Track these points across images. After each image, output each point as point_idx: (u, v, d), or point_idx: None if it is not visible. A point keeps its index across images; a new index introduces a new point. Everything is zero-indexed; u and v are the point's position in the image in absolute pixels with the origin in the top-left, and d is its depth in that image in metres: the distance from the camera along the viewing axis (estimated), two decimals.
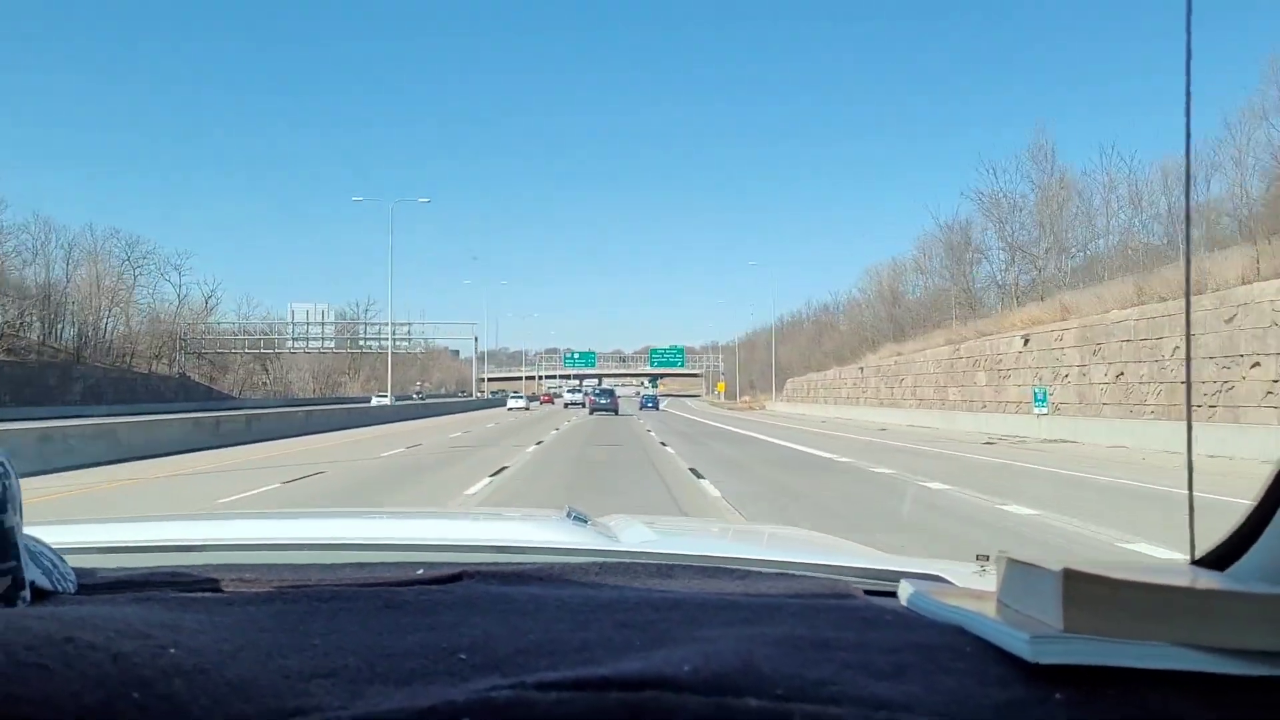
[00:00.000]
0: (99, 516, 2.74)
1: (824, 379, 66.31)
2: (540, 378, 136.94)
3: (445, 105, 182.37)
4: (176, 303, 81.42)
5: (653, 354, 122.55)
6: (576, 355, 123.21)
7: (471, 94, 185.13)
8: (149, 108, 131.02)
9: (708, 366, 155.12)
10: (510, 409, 62.54)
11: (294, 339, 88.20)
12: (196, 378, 79.49)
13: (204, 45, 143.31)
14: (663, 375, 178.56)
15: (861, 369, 55.81)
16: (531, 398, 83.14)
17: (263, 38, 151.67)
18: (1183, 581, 0.61)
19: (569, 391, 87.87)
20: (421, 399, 77.77)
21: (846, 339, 69.29)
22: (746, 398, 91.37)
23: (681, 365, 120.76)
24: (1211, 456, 15.82)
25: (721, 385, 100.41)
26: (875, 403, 50.04)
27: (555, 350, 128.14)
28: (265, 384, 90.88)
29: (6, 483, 0.72)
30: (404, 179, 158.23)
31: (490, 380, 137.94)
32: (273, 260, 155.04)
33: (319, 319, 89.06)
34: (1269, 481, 0.68)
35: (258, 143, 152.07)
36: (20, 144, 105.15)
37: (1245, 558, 0.69)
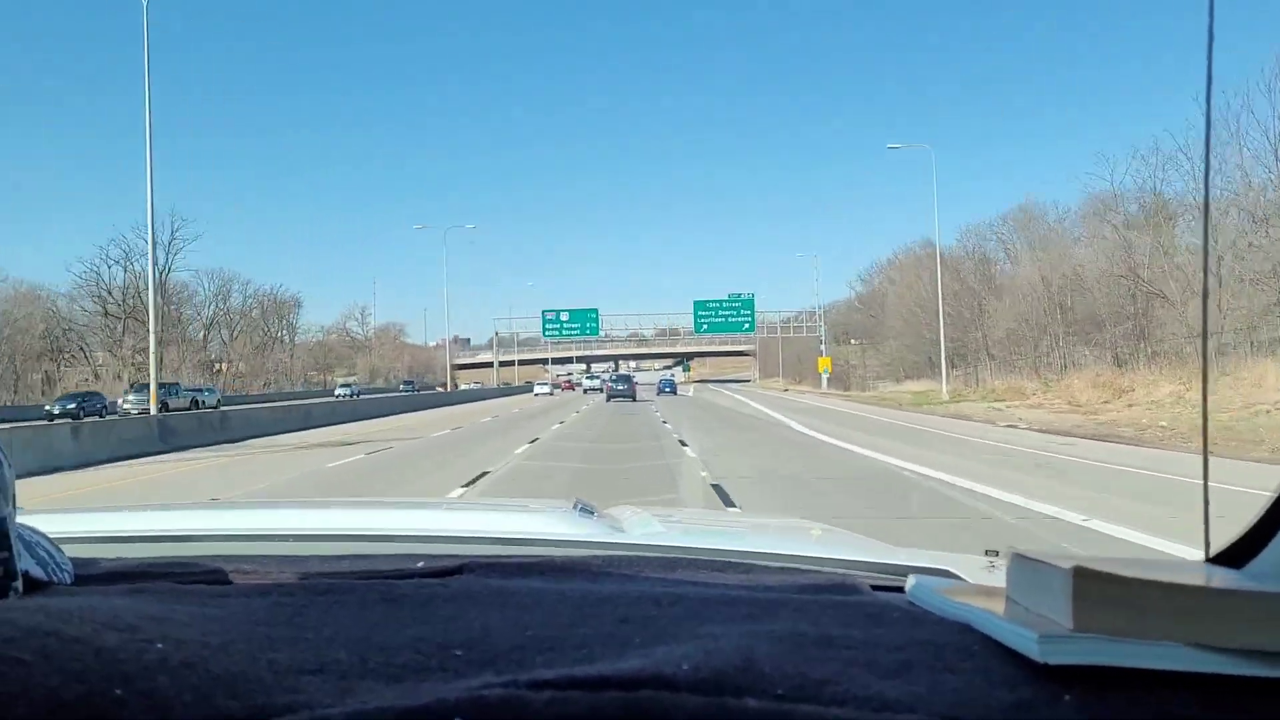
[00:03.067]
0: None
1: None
2: (549, 361, 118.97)
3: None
4: None
5: (698, 311, 73.65)
6: (563, 317, 74.48)
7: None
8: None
9: (760, 343, 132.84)
10: (536, 394, 68.62)
11: None
12: None
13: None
14: (700, 355, 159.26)
15: None
16: (555, 386, 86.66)
17: None
18: (1197, 580, 0.59)
19: (587, 378, 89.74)
20: (350, 396, 57.37)
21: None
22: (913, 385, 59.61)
23: (749, 327, 76.68)
24: None
25: (826, 361, 69.48)
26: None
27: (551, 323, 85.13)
28: None
29: (0, 471, 0.70)
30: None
31: (465, 368, 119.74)
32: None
33: None
34: None
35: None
36: None
37: (1263, 554, 0.67)
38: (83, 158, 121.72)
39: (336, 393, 63.45)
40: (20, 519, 0.75)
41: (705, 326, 76.08)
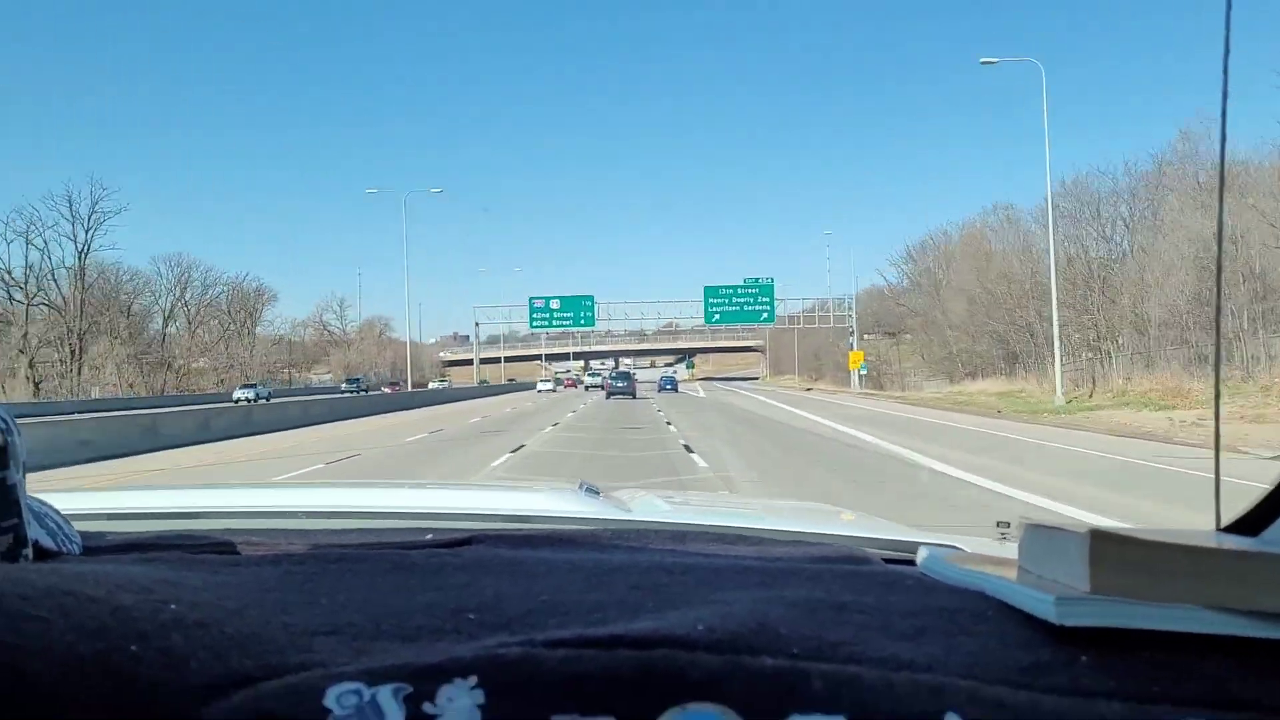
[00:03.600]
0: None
1: None
2: (542, 358, 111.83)
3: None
4: None
5: (709, 298, 61.78)
6: (553, 305, 62.92)
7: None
8: None
9: (768, 338, 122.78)
10: (540, 391, 69.73)
11: None
12: None
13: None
14: (702, 351, 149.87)
15: None
16: (557, 381, 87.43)
17: None
18: (1213, 544, 0.59)
19: (588, 375, 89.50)
20: (254, 400, 47.08)
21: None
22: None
23: (767, 317, 63.77)
24: None
25: (858, 356, 60.88)
26: None
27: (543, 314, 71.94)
28: None
29: (9, 439, 0.71)
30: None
31: (456, 365, 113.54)
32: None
33: None
34: None
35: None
36: None
37: (1278, 522, 0.66)
38: None
39: (235, 396, 52.78)
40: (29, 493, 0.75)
41: (717, 316, 64.07)
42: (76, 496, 1.52)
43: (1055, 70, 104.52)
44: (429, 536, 0.96)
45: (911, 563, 0.82)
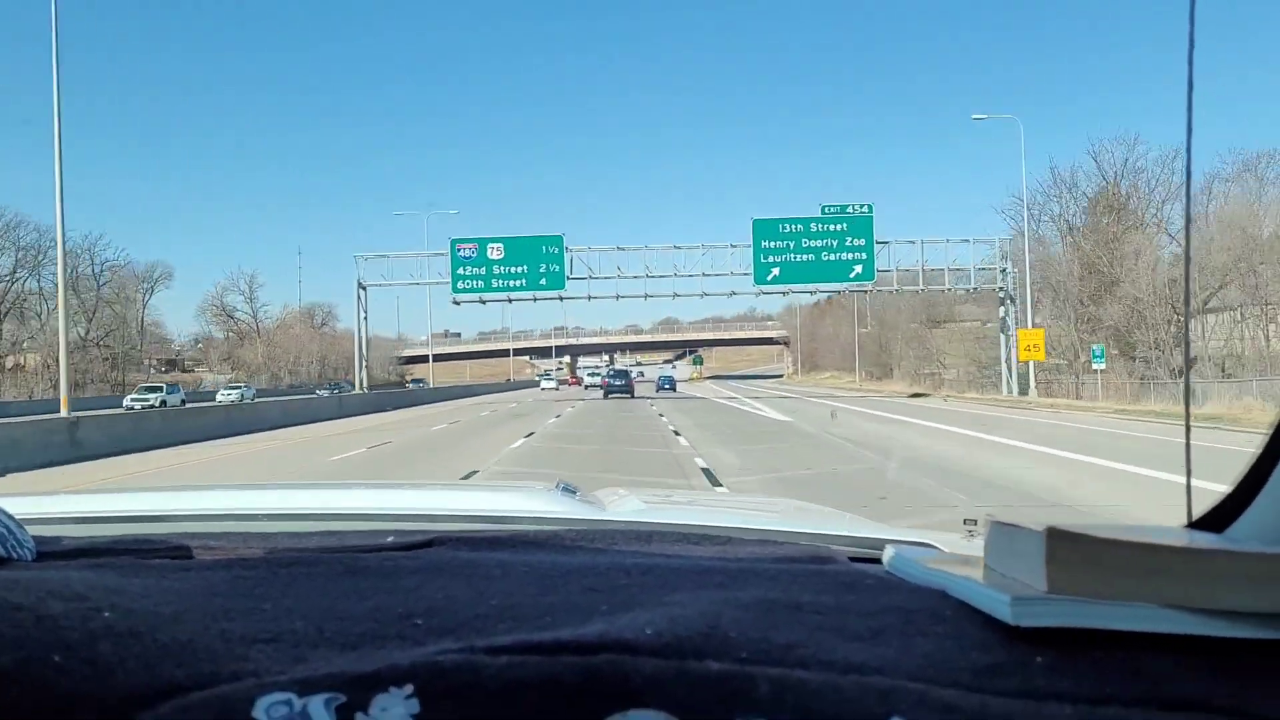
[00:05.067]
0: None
1: None
2: (512, 353, 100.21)
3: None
4: None
5: (761, 239, 37.53)
6: (493, 254, 37.88)
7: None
8: None
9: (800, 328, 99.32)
10: (543, 389, 77.34)
11: None
12: None
13: None
14: (706, 344, 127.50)
15: None
16: (563, 380, 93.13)
17: None
18: (1174, 542, 0.58)
19: (589, 374, 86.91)
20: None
21: None
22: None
23: (864, 271, 37.68)
24: None
25: (1035, 336, 34.44)
26: None
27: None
28: None
29: None
30: None
31: (412, 362, 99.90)
32: None
33: None
34: (1265, 441, 0.66)
35: None
36: None
37: (1242, 519, 0.67)
38: None
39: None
40: None
41: (775, 273, 37.72)
42: (37, 500, 1.51)
43: None
44: (390, 539, 0.94)
45: (878, 561, 0.81)
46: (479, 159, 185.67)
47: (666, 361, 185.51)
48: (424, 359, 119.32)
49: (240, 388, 57.34)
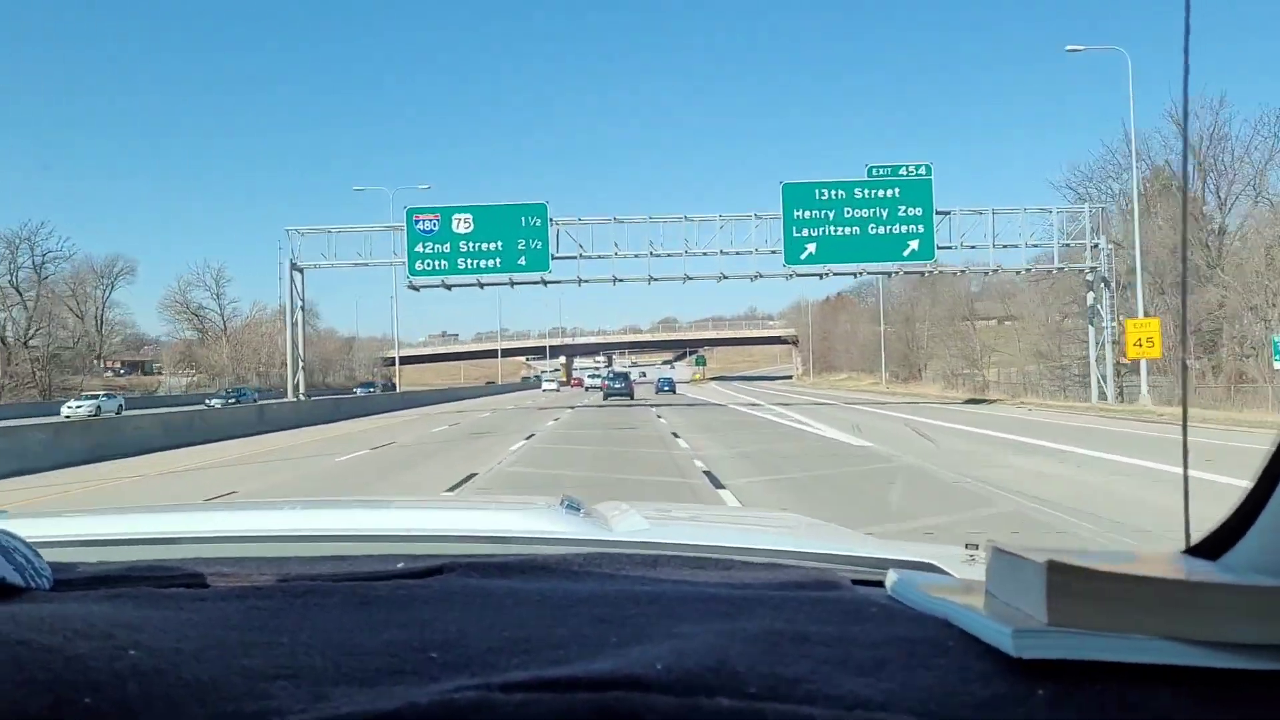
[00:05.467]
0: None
1: None
2: (500, 353, 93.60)
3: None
4: None
5: (793, 208, 30.11)
6: (460, 227, 30.33)
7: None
8: None
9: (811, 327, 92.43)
10: (544, 390, 77.59)
11: None
12: None
13: None
14: (707, 343, 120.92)
15: None
16: (563, 382, 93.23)
17: None
18: (1172, 572, 0.60)
19: (589, 376, 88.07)
20: None
21: None
22: None
23: (921, 249, 29.71)
24: None
25: (1149, 326, 23.97)
26: None
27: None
28: None
29: None
30: None
31: (411, 361, 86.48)
32: None
33: None
34: (1263, 466, 0.66)
35: None
36: None
37: (1238, 546, 0.67)
38: None
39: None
40: (1, 524, 0.74)
41: (812, 250, 30.01)
42: (49, 522, 1.54)
43: None
44: (400, 565, 0.95)
45: (881, 583, 0.83)
46: (455, 124, 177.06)
47: (665, 363, 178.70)
48: (412, 360, 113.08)
49: (98, 398, 46.10)
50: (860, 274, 35.81)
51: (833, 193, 30.29)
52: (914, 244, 30.04)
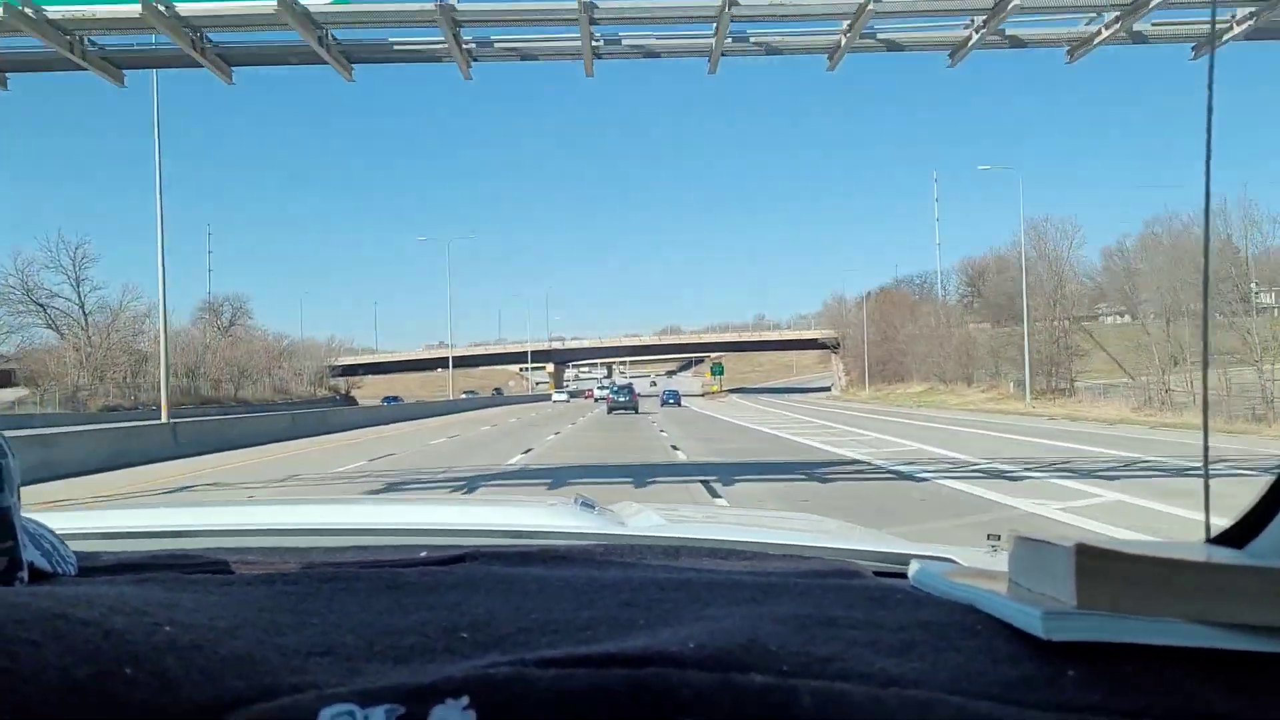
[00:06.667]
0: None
1: None
2: (448, 362, 75.07)
3: None
4: None
5: None
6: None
7: None
8: None
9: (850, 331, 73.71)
10: (554, 401, 79.44)
11: None
12: None
13: None
14: (719, 347, 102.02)
15: None
16: (574, 394, 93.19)
17: None
18: (1199, 557, 0.60)
19: (598, 388, 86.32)
20: None
21: None
22: None
23: None
24: None
25: None
26: None
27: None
28: None
29: (4, 462, 0.72)
30: None
31: (362, 371, 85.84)
32: None
33: None
34: None
35: None
36: None
37: (1263, 535, 0.68)
38: None
39: None
40: (25, 513, 0.77)
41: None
42: (72, 516, 1.53)
43: None
44: (423, 554, 0.97)
45: (903, 575, 0.83)
46: None
47: (669, 373, 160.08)
48: (366, 369, 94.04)
49: None
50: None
51: None
52: None
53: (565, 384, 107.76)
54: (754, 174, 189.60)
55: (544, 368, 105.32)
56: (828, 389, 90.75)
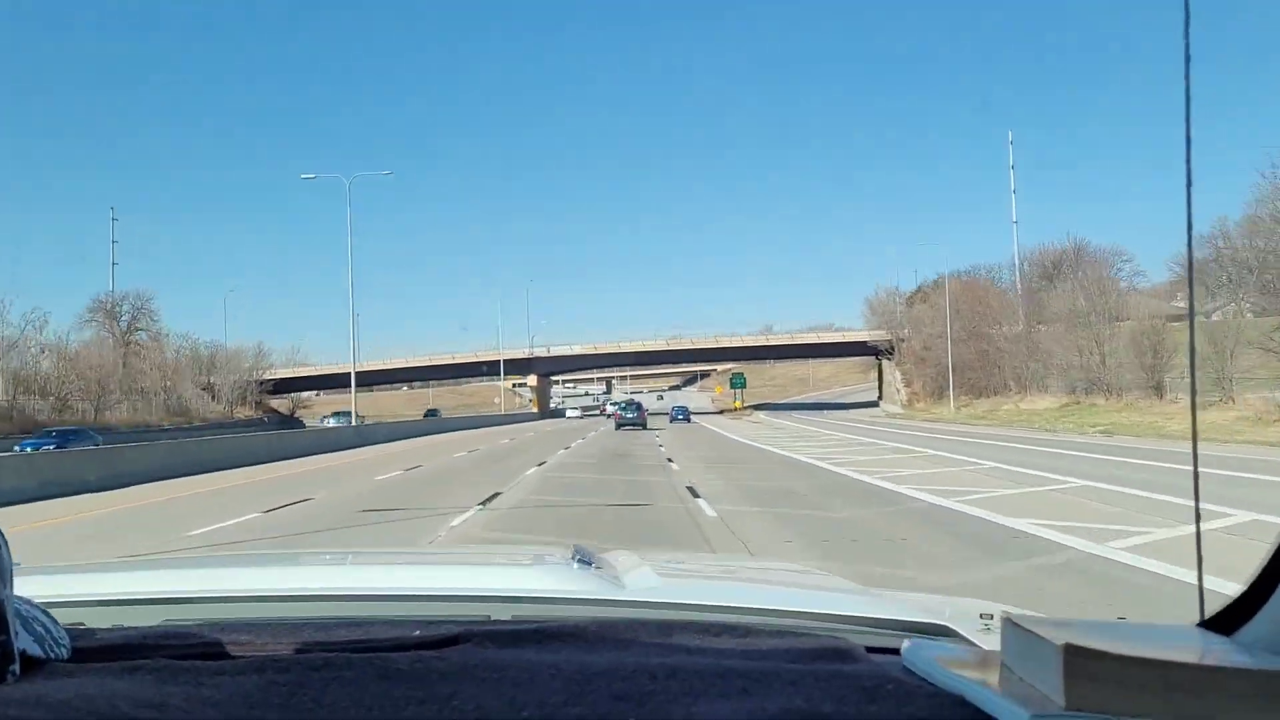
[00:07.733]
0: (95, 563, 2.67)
1: None
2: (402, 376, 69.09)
3: None
4: None
5: None
6: None
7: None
8: None
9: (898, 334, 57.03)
10: (568, 416, 79.61)
11: None
12: None
13: None
14: (735, 354, 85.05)
15: None
16: (587, 409, 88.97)
17: None
18: (1188, 651, 0.61)
19: (611, 405, 79.14)
20: None
21: None
22: None
23: None
24: None
25: None
26: None
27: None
28: None
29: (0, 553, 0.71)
30: None
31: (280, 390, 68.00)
32: None
33: None
34: (1277, 543, 0.67)
35: None
36: None
37: (1253, 622, 0.68)
38: None
39: None
40: (19, 578, 0.76)
41: None
42: (64, 579, 1.54)
43: None
44: (417, 633, 0.96)
45: (896, 649, 0.84)
46: None
47: (673, 388, 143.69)
48: (303, 384, 76.42)
49: None
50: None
51: None
52: None
53: (553, 400, 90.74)
54: (754, 173, 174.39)
55: (525, 381, 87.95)
56: (874, 404, 73.74)
